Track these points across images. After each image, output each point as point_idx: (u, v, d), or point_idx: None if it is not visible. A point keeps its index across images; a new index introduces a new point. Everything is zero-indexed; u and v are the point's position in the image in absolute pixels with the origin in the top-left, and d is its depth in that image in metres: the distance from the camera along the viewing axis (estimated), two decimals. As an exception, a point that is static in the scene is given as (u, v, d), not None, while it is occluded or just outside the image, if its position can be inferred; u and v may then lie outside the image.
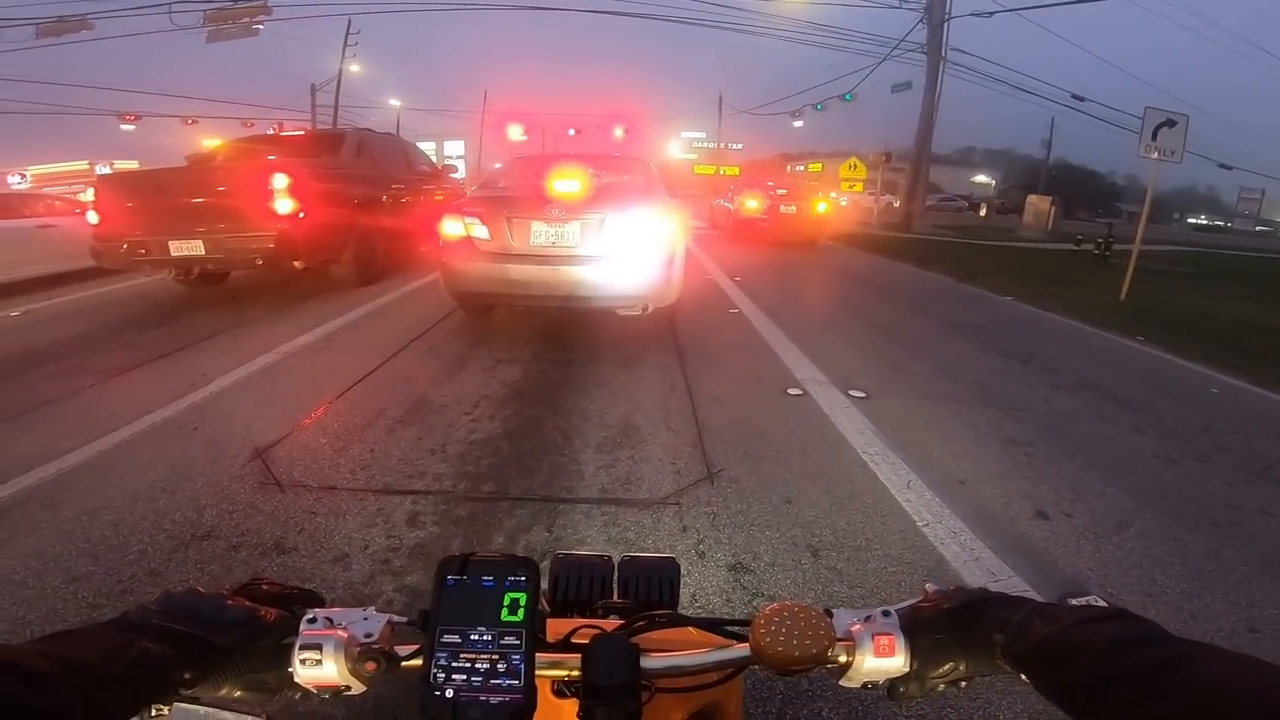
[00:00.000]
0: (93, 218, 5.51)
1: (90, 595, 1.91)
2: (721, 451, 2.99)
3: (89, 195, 5.62)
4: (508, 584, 0.47)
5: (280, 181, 5.29)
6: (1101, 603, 1.96)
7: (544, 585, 0.76)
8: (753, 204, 13.06)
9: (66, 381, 3.74)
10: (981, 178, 60.18)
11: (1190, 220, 65.17)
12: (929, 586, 0.52)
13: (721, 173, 31.67)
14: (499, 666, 0.44)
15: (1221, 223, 58.93)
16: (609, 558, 0.76)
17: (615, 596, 0.72)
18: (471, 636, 0.45)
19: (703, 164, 38.71)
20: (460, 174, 11.41)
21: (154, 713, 0.43)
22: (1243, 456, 3.29)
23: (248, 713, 0.47)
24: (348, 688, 0.47)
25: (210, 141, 8.59)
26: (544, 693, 0.52)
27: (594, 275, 4.24)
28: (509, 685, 0.43)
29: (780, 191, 13.41)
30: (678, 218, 4.64)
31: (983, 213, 30.75)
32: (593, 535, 2.30)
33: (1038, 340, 5.88)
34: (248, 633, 0.45)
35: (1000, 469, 2.96)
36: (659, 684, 0.50)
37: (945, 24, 19.18)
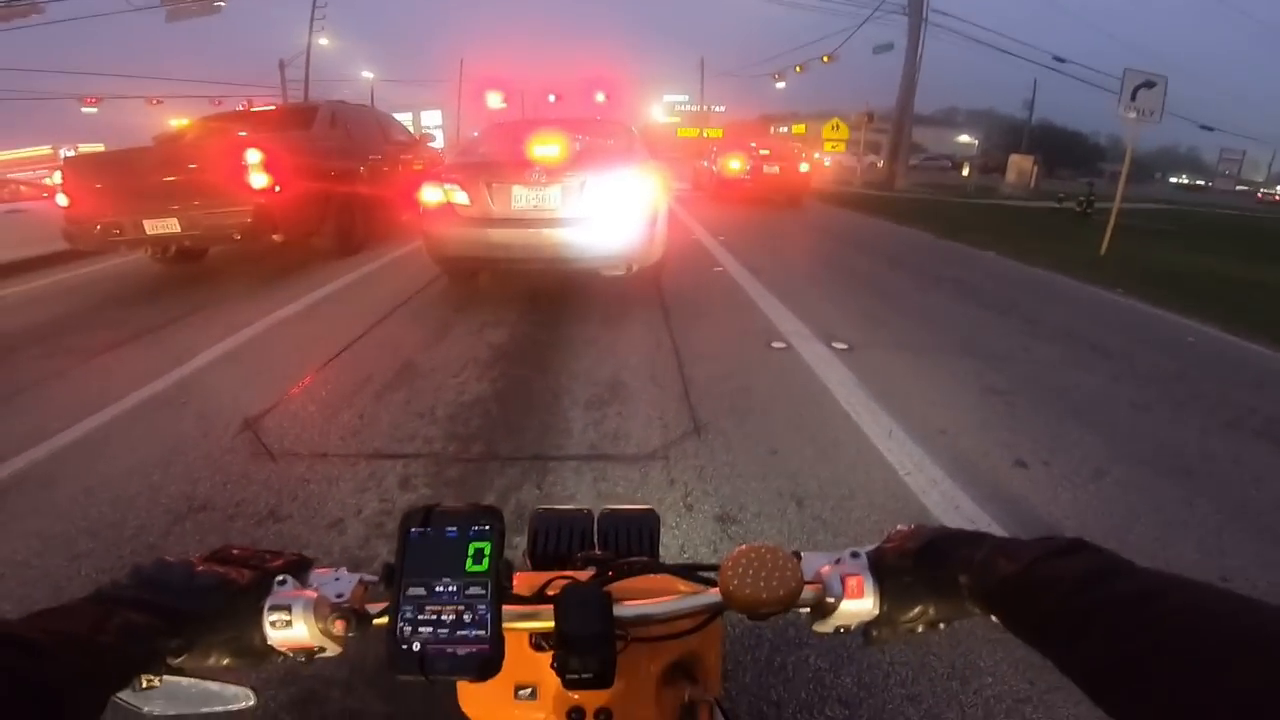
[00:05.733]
0: (62, 200, 5.40)
1: (92, 572, 1.91)
2: (708, 406, 3.03)
3: (56, 178, 5.51)
4: (471, 534, 0.46)
5: (254, 156, 5.23)
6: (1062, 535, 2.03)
7: (524, 541, 0.75)
8: (736, 165, 13.15)
9: (51, 363, 3.68)
10: (965, 138, 59.93)
11: (1172, 180, 65.55)
12: (899, 527, 0.51)
13: (705, 135, 31.20)
14: (465, 617, 0.43)
15: (1202, 182, 59.37)
16: (589, 511, 0.76)
17: (596, 550, 0.71)
18: (437, 588, 0.44)
19: (686, 127, 38.16)
20: (438, 143, 11.33)
21: (145, 684, 0.43)
22: (1216, 405, 3.37)
23: (234, 682, 0.47)
24: (322, 649, 0.46)
25: (177, 121, 8.36)
26: (522, 646, 0.53)
27: (576, 237, 4.27)
28: (476, 636, 0.43)
29: (763, 152, 13.46)
30: (659, 178, 4.65)
31: (965, 172, 30.72)
32: (582, 491, 2.33)
33: (1018, 292, 5.96)
34: (221, 597, 0.45)
35: (980, 418, 3.02)
36: (634, 633, 0.51)
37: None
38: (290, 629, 0.45)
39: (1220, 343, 4.70)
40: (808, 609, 0.48)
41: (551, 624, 0.47)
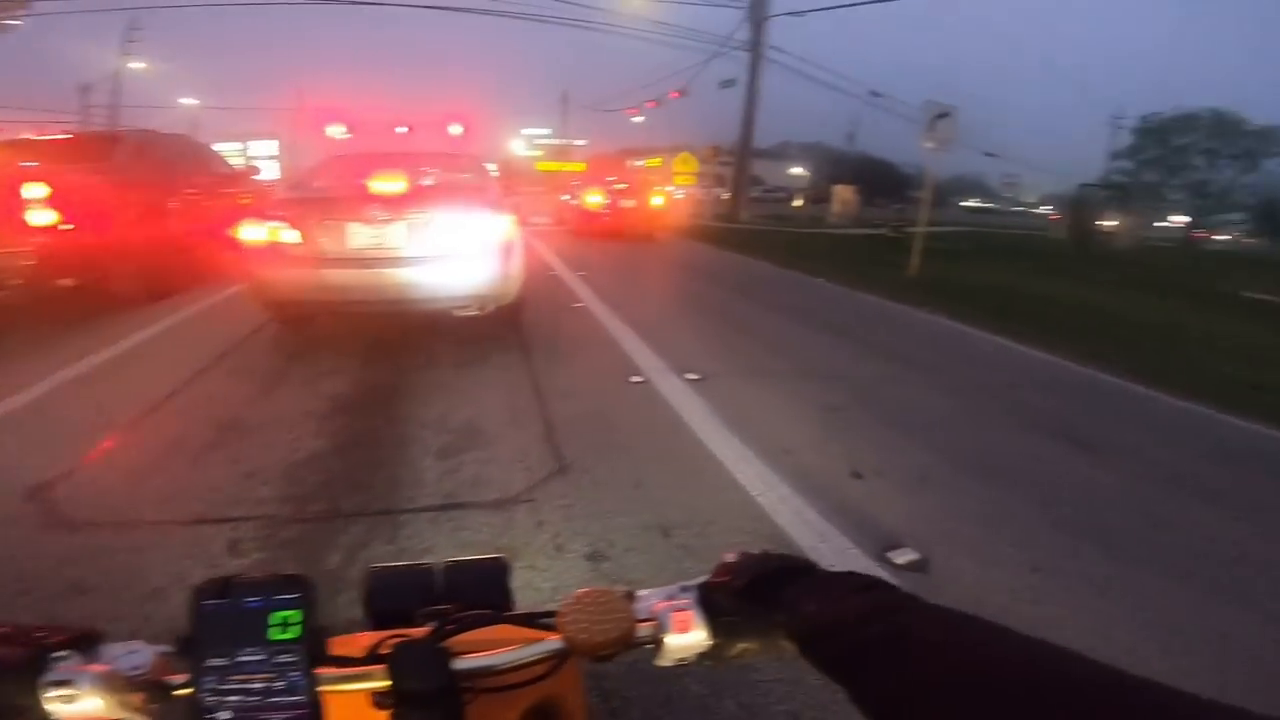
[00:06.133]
0: None
1: None
2: (572, 443, 3.01)
3: None
4: (275, 603, 0.44)
5: (37, 191, 4.59)
6: (910, 555, 2.30)
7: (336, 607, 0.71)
8: (595, 199, 13.52)
9: None
10: (798, 169, 65.25)
11: (963, 204, 76.11)
12: (726, 557, 0.52)
13: (564, 170, 31.56)
14: (276, 684, 0.41)
15: (990, 205, 69.71)
16: (429, 566, 0.73)
17: (441, 606, 0.68)
18: (240, 658, 0.42)
19: (547, 160, 38.36)
20: (265, 175, 10.61)
21: None
22: (1015, 408, 3.93)
23: None
24: None
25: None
26: (363, 707, 0.49)
27: (424, 276, 4.04)
28: (290, 702, 0.41)
29: (620, 186, 13.94)
30: (512, 214, 4.57)
31: (798, 203, 33.74)
32: (440, 542, 2.19)
33: (845, 315, 6.65)
34: None
35: (820, 435, 3.28)
36: (481, 684, 0.49)
37: (764, 22, 20.71)
38: (78, 704, 0.40)
39: (1013, 352, 5.51)
40: (650, 645, 0.49)
41: (388, 683, 0.45)
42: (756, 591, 0.47)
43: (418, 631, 0.53)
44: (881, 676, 0.35)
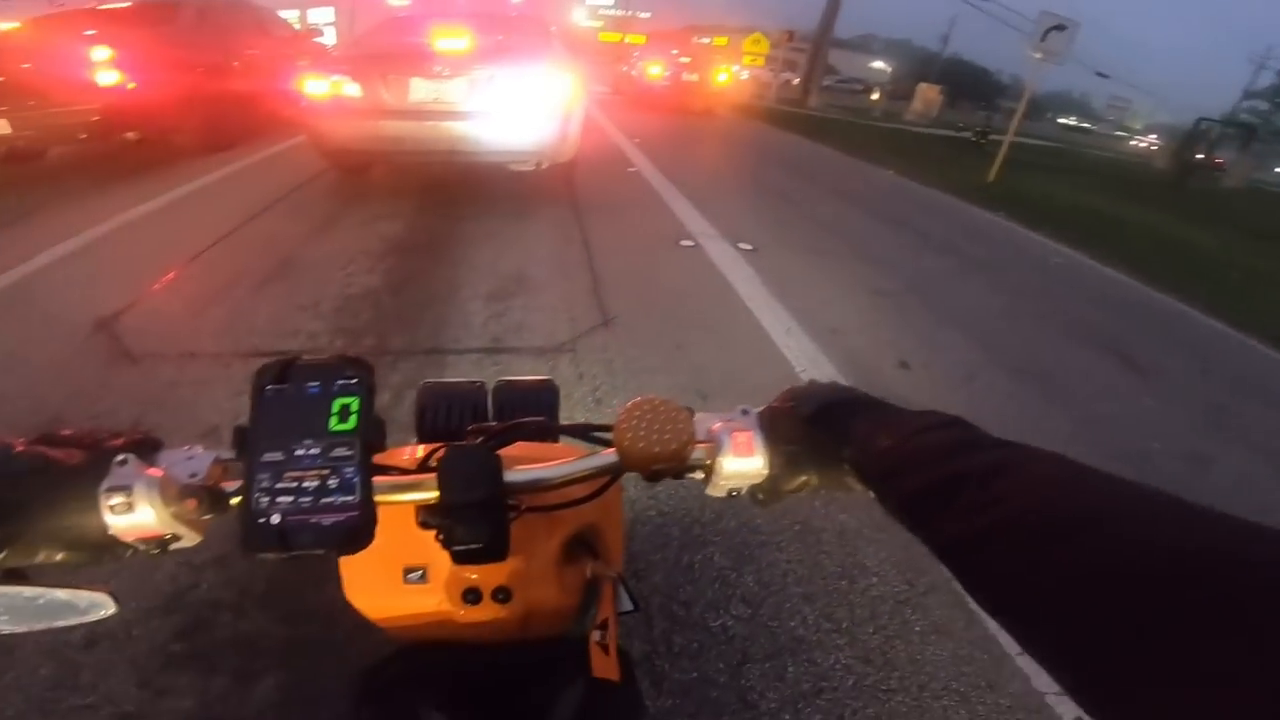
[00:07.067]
0: None
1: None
2: (617, 299, 3.01)
3: None
4: (336, 389, 0.41)
5: (101, 53, 4.93)
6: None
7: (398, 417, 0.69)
8: (656, 70, 13.21)
9: None
10: (878, 64, 60.60)
11: (1060, 120, 69.96)
12: (793, 386, 0.49)
13: (627, 41, 29.89)
14: (330, 482, 0.39)
15: (1088, 125, 63.87)
16: (481, 383, 0.71)
17: (491, 423, 0.67)
18: (296, 452, 0.40)
19: (608, 31, 36.47)
20: (327, 39, 10.57)
21: None
22: (1072, 320, 3.70)
23: (86, 588, 0.41)
24: (176, 537, 0.40)
25: (5, 24, 7.31)
26: (408, 525, 0.47)
27: (482, 131, 4.05)
28: (342, 502, 0.39)
29: (684, 60, 13.52)
30: (576, 74, 4.43)
31: (875, 96, 31.29)
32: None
33: (911, 208, 6.27)
34: (43, 482, 0.38)
35: (871, 319, 3.19)
36: (528, 502, 0.47)
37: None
38: (133, 513, 0.38)
39: (1082, 266, 5.16)
40: (700, 474, 0.46)
41: (436, 494, 0.43)
42: (824, 421, 0.44)
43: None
44: (967, 518, 0.31)
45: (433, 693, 0.51)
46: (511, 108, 4.05)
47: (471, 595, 0.51)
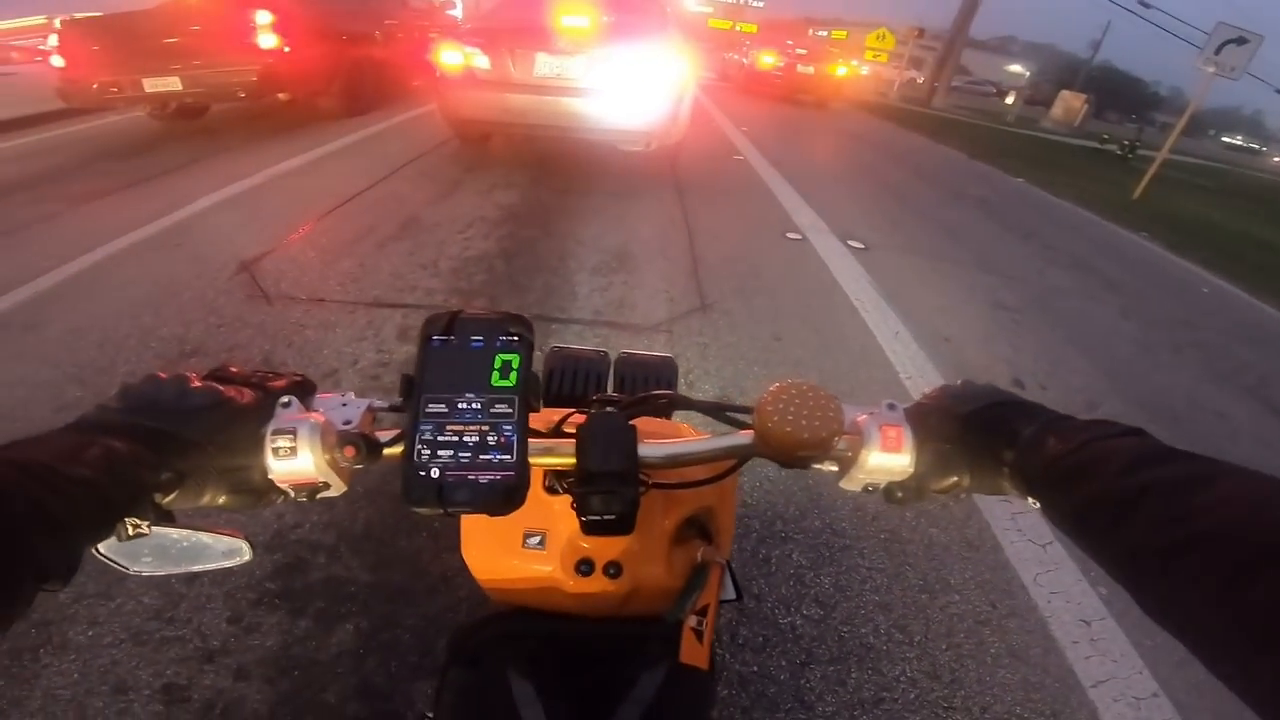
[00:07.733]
0: (58, 61, 5.39)
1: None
2: (716, 285, 2.99)
3: (52, 41, 5.47)
4: (499, 344, 0.42)
5: (263, 17, 5.29)
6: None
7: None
8: (769, 60, 13.08)
9: (40, 207, 3.46)
10: (1016, 67, 56.62)
11: (1224, 139, 62.84)
12: (944, 384, 0.47)
13: (738, 28, 29.39)
14: (490, 439, 0.39)
15: (1256, 146, 56.98)
16: (605, 353, 0.72)
17: (611, 391, 0.68)
18: (459, 405, 0.40)
19: (718, 18, 35.94)
20: (457, 11, 10.97)
21: (131, 531, 0.36)
22: (1216, 356, 3.32)
23: (227, 534, 0.42)
24: (325, 485, 0.41)
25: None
26: (535, 488, 0.48)
27: (598, 108, 4.15)
28: (500, 461, 0.38)
29: (800, 51, 13.32)
30: (690, 58, 4.47)
31: (1009, 100, 29.11)
32: (585, 354, 2.33)
33: (1042, 220, 5.81)
34: (218, 419, 0.38)
35: (985, 331, 3.00)
36: (655, 478, 0.46)
37: None
38: (294, 459, 0.39)
39: (1233, 298, 4.62)
40: (835, 466, 0.45)
41: (572, 460, 0.43)
42: (983, 422, 0.42)
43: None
44: (1153, 532, 0.30)
45: (524, 659, 0.51)
46: (627, 87, 4.13)
47: (585, 566, 0.51)
